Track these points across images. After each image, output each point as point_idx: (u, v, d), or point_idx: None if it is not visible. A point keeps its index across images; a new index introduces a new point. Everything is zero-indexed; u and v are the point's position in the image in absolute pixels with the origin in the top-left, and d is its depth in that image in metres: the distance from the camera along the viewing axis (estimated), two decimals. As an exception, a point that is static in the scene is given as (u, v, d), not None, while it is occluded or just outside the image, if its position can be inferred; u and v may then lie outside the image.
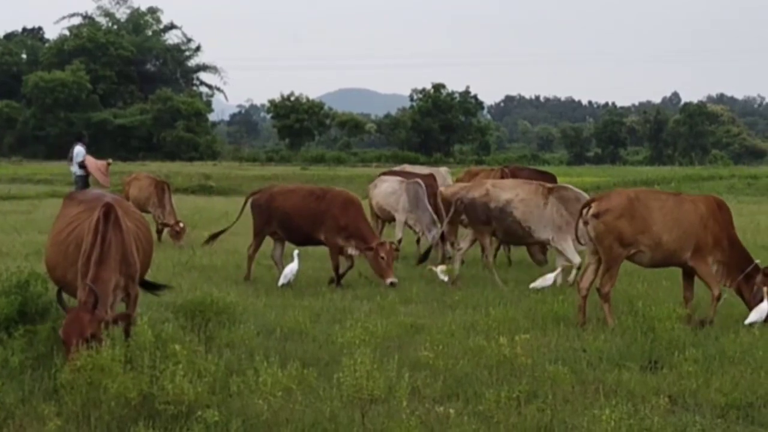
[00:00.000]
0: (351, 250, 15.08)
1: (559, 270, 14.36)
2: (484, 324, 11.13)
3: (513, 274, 15.71)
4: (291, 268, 14.55)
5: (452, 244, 17.56)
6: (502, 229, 14.92)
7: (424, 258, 16.70)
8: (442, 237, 17.04)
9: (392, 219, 18.67)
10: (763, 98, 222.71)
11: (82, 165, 25.29)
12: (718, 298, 11.85)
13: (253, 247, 15.75)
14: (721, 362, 9.58)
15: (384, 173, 21.44)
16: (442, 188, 18.17)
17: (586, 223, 12.16)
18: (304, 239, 15.52)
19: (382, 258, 14.62)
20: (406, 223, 18.24)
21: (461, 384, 8.79)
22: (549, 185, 15.37)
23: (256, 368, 7.87)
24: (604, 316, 11.89)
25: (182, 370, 7.51)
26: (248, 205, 16.11)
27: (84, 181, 25.36)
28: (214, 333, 10.09)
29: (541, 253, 16.53)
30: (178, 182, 40.34)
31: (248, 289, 14.19)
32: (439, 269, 15.21)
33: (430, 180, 21.01)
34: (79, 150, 25.48)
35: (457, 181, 22.79)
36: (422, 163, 50.75)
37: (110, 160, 26.74)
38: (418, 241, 18.84)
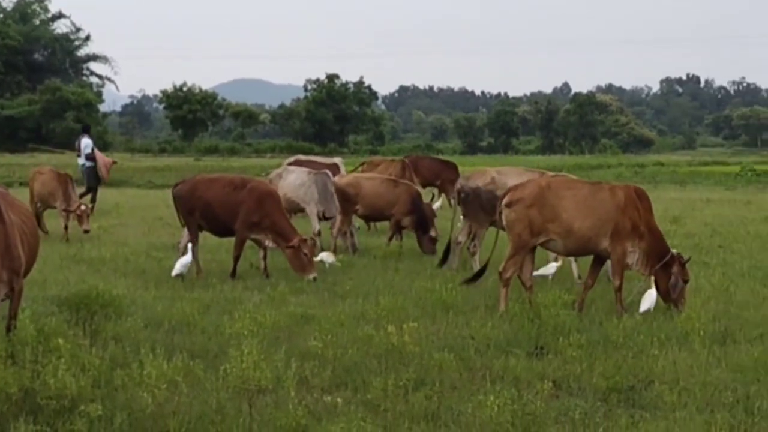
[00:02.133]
0: (268, 243, 14.78)
1: (560, 261, 14.24)
2: (374, 313, 11.15)
3: (405, 263, 15.76)
4: (185, 260, 14.37)
5: (346, 234, 17.64)
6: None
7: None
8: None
9: (298, 210, 18.57)
10: (650, 88, 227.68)
11: (89, 157, 25.59)
12: (619, 289, 11.84)
13: (187, 239, 15.30)
14: (605, 347, 9.76)
15: (290, 164, 21.44)
16: (336, 178, 18.21)
17: (500, 212, 12.33)
18: (224, 230, 15.15)
19: (305, 254, 14.44)
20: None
21: (350, 373, 8.80)
22: (550, 173, 15.22)
23: (141, 361, 7.80)
24: (494, 303, 12.04)
25: (65, 364, 7.39)
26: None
27: (92, 172, 25.58)
28: (99, 326, 9.96)
29: None
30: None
31: (137, 282, 14.00)
32: (324, 255, 15.20)
33: (335, 170, 21.14)
34: (86, 142, 25.92)
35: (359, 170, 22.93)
36: (316, 154, 50.72)
37: (116, 161, 28.00)
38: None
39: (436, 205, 23.64)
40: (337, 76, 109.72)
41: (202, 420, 7.39)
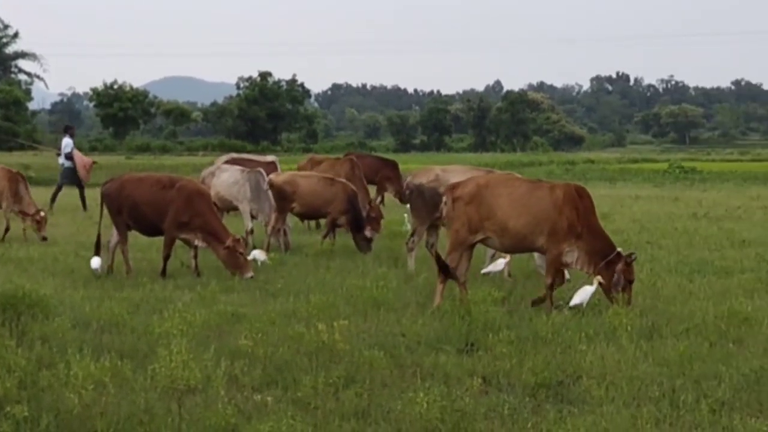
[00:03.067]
0: (198, 243, 14.62)
1: (509, 257, 13.97)
2: (305, 311, 11.13)
3: (337, 261, 15.75)
4: (98, 259, 14.22)
5: (280, 232, 17.58)
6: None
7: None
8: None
9: (232, 209, 18.48)
10: (581, 86, 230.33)
11: (69, 157, 25.71)
12: (550, 287, 11.77)
13: (116, 239, 15.09)
14: (534, 343, 9.83)
15: (227, 162, 21.38)
16: (272, 176, 18.15)
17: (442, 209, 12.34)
18: (153, 230, 15.00)
19: (241, 254, 14.37)
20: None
21: (280, 371, 8.77)
22: (497, 171, 15.18)
23: (68, 361, 7.72)
24: (425, 300, 12.09)
25: (-10, 365, 7.30)
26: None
27: (72, 172, 25.64)
28: (26, 326, 9.85)
29: None
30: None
31: (65, 281, 13.83)
32: (256, 253, 15.14)
33: (272, 168, 21.11)
34: (67, 142, 26.11)
35: (299, 168, 22.85)
36: (249, 152, 50.48)
37: (96, 161, 28.16)
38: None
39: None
40: (269, 74, 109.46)
41: (131, 420, 7.32)
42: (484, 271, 13.77)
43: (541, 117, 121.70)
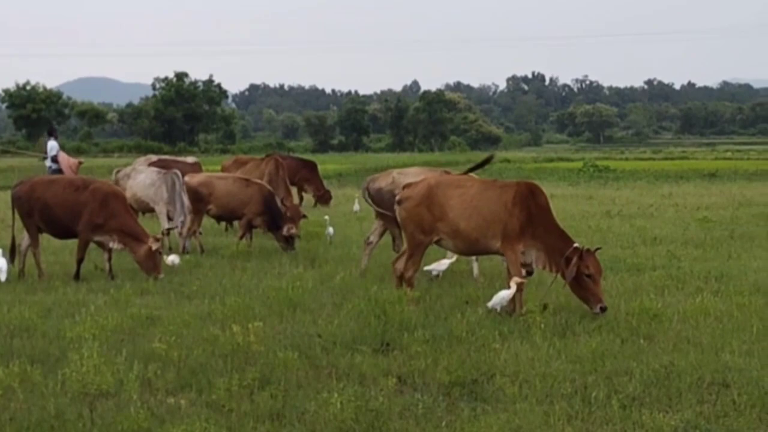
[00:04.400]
0: (113, 245, 14.42)
1: (454, 258, 13.77)
2: (220, 313, 11.09)
3: (253, 263, 15.68)
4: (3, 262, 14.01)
5: (195, 234, 17.47)
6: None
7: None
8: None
9: (148, 210, 18.32)
10: (497, 86, 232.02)
11: (55, 159, 25.60)
12: (519, 289, 11.29)
13: (28, 242, 14.81)
14: (449, 342, 9.88)
15: (152, 164, 21.28)
16: (187, 177, 18.02)
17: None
18: (64, 232, 14.75)
19: (160, 254, 14.25)
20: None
21: (194, 374, 8.70)
22: (455, 172, 15.08)
23: (-24, 368, 7.59)
24: (341, 300, 12.07)
25: None
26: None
27: (57, 174, 24.67)
28: (-67, 333, 9.64)
29: None
30: None
31: (-26, 286, 13.58)
32: (171, 256, 15.03)
33: (196, 169, 21.08)
34: (52, 145, 26.06)
35: (224, 169, 22.79)
36: (166, 153, 50.02)
37: (82, 161, 28.04)
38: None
39: (356, 207, 23.68)
40: (186, 75, 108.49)
41: (41, 426, 7.22)
42: (426, 268, 13.51)
43: (458, 117, 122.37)
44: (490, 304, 11.24)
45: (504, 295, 11.22)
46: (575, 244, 11.48)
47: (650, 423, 7.29)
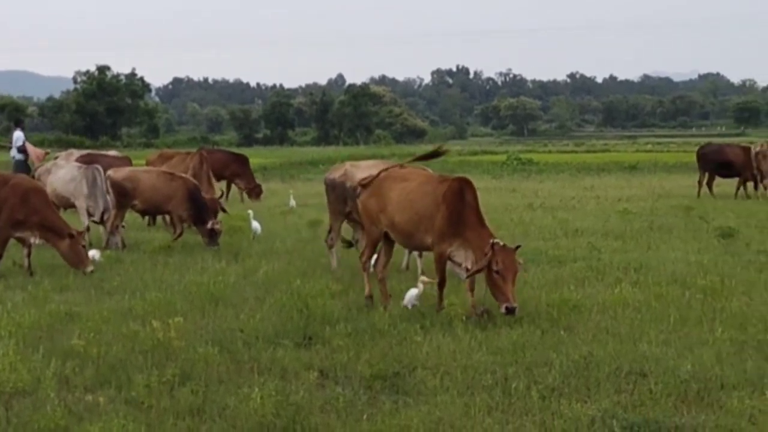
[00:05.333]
0: (35, 240, 14.20)
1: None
2: (141, 309, 10.99)
3: (175, 258, 15.55)
4: None
5: (117, 228, 17.28)
6: (357, 209, 13.50)
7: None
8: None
9: (69, 206, 18.07)
10: (422, 80, 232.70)
11: (21, 150, 25.35)
12: (439, 286, 11.09)
13: None
14: (372, 335, 9.90)
15: (81, 157, 21.10)
16: (110, 172, 17.83)
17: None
18: None
19: (84, 247, 14.05)
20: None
21: (114, 370, 8.62)
22: (409, 166, 14.94)
23: None
24: (264, 294, 12.03)
25: None
26: None
27: (23, 165, 24.99)
28: None
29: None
30: None
31: None
32: (92, 252, 14.83)
33: (126, 163, 20.91)
34: (18, 135, 25.93)
35: (149, 164, 22.60)
36: (87, 147, 49.45)
37: (48, 151, 27.49)
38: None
39: (292, 203, 23.49)
40: (108, 68, 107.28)
41: (-44, 426, 7.11)
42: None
43: (383, 110, 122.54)
44: (403, 303, 11.18)
45: (413, 293, 11.16)
46: (493, 240, 10.80)
47: (569, 413, 7.37)
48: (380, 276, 11.83)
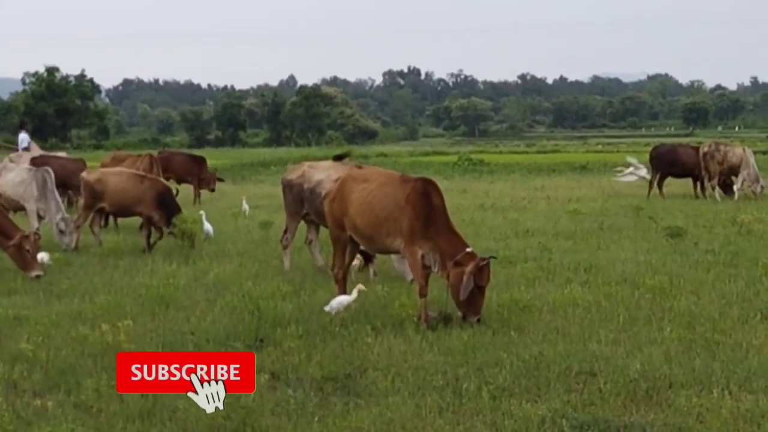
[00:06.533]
0: None
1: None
2: (90, 312, 10.94)
3: (125, 260, 15.43)
4: None
5: (78, 228, 17.14)
6: (313, 210, 13.81)
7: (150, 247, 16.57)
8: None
9: (19, 209, 17.89)
10: (374, 81, 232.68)
11: (26, 150, 25.78)
12: (420, 294, 10.72)
13: None
14: (323, 337, 9.89)
15: (35, 158, 21.16)
16: (84, 173, 17.82)
17: None
18: None
19: (28, 251, 13.81)
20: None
21: (63, 374, 8.56)
22: (368, 167, 14.85)
23: None
24: (215, 297, 11.99)
25: None
26: None
27: None
28: None
29: None
30: None
31: None
32: (41, 255, 14.65)
33: (80, 165, 20.92)
34: (23, 137, 26.89)
35: (103, 166, 22.43)
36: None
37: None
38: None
39: (245, 207, 23.36)
40: (57, 69, 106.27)
41: None
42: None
43: (335, 111, 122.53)
44: (326, 307, 10.86)
45: (342, 300, 10.90)
46: (468, 249, 10.64)
47: (519, 413, 7.42)
48: (338, 275, 11.65)
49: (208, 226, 17.96)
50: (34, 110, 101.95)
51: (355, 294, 10.91)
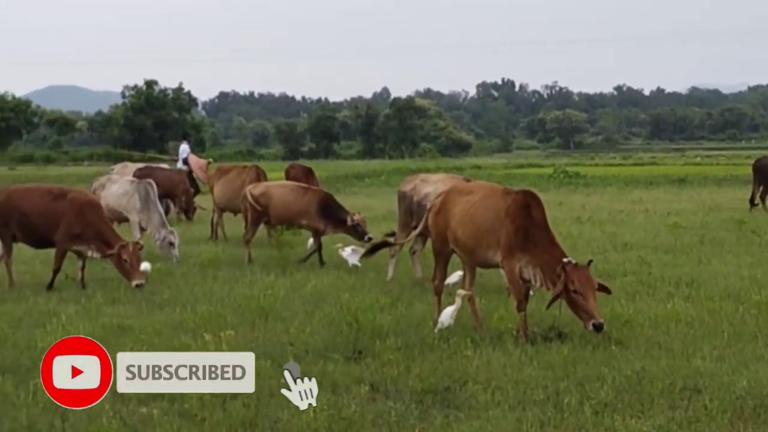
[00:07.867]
0: (92, 254, 14.31)
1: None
2: (192, 322, 11.08)
3: (224, 271, 15.61)
4: None
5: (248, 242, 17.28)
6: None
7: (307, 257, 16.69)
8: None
9: (122, 220, 18.23)
10: (467, 93, 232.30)
11: (186, 162, 27.16)
12: (518, 309, 10.55)
13: (1, 252, 14.65)
14: (422, 349, 9.88)
15: (140, 170, 21.66)
16: (250, 187, 17.85)
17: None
18: (41, 241, 14.63)
19: (125, 260, 13.98)
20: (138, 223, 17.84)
21: (166, 383, 8.66)
22: (476, 181, 14.83)
23: (-54, 380, 7.53)
24: (313, 308, 12.06)
25: None
26: None
27: (188, 177, 26.29)
28: None
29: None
30: None
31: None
32: (142, 266, 14.86)
33: (182, 176, 21.39)
34: (184, 148, 27.97)
35: (208, 178, 23.02)
36: (136, 161, 49.82)
37: (210, 160, 29.64)
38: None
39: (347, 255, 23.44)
40: (155, 83, 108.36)
41: (13, 438, 7.19)
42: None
43: (428, 123, 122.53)
44: (437, 326, 10.73)
45: (448, 311, 10.79)
46: (565, 259, 10.37)
47: (623, 429, 7.34)
48: (438, 287, 11.49)
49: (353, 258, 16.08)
50: (133, 123, 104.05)
51: (458, 301, 10.81)
